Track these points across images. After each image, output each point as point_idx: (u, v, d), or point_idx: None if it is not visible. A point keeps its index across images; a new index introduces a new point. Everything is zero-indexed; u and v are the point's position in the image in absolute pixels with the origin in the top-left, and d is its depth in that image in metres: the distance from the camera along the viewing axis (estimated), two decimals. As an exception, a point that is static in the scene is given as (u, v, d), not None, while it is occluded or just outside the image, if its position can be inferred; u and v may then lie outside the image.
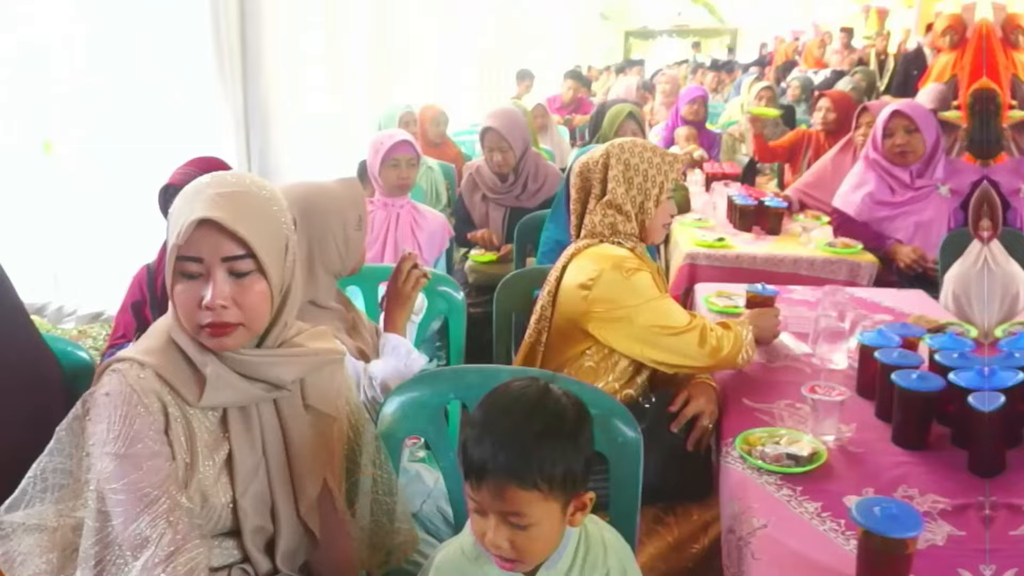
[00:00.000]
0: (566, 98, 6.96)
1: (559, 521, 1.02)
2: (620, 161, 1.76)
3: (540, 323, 1.80)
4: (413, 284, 1.73)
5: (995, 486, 1.32)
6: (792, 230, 3.07)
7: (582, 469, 1.02)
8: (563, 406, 1.03)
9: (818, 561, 1.15)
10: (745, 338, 1.73)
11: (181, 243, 1.04)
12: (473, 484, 0.99)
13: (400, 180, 2.63)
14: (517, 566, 1.02)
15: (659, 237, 1.85)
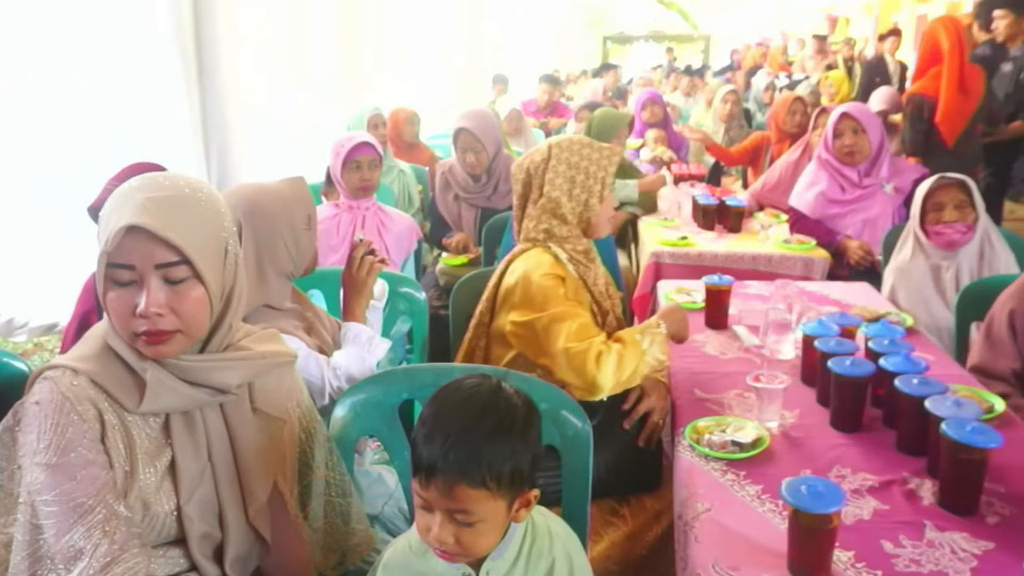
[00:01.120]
0: (541, 102, 7.03)
1: (504, 518, 1.03)
2: (561, 161, 1.75)
3: (479, 328, 1.80)
4: (367, 270, 1.73)
5: (920, 463, 1.39)
6: (752, 228, 3.15)
7: (529, 467, 1.03)
8: (514, 405, 1.04)
9: (756, 540, 1.21)
10: (646, 348, 1.65)
11: (110, 250, 1.00)
12: (422, 481, 0.99)
13: (362, 182, 2.64)
14: (458, 558, 1.04)
15: (606, 231, 1.84)
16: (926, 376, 1.44)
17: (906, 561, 1.14)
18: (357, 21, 4.88)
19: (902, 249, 2.28)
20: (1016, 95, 3.80)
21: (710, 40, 17.76)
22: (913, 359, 1.50)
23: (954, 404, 1.30)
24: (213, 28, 2.68)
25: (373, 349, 1.65)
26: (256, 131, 3.17)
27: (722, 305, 2.07)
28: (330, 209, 2.76)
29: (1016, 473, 1.36)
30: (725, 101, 4.81)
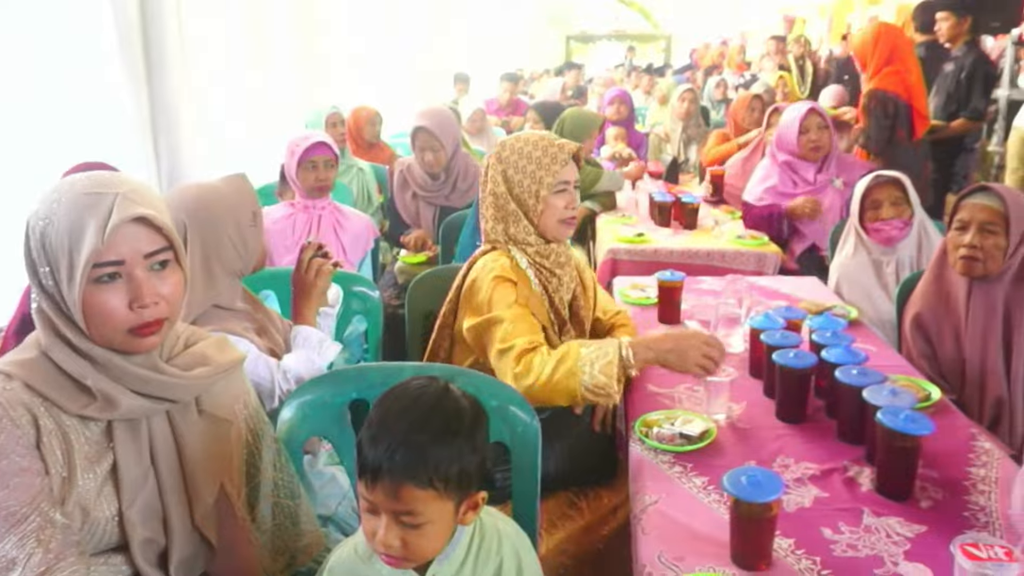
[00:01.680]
0: (503, 100, 7.04)
1: (451, 520, 1.03)
2: (501, 161, 1.72)
3: (443, 329, 1.79)
4: (317, 272, 1.72)
5: (860, 451, 1.43)
6: (706, 225, 3.20)
7: (476, 469, 1.03)
8: (461, 407, 1.04)
9: (700, 531, 1.23)
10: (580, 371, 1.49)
11: (102, 248, 1.00)
12: (368, 483, 0.99)
13: (318, 182, 2.62)
14: (404, 563, 1.03)
15: (557, 234, 1.73)
16: (865, 367, 1.48)
17: (843, 546, 1.18)
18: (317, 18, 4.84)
19: (844, 245, 2.35)
20: (957, 94, 3.92)
21: (671, 39, 17.96)
22: (853, 350, 1.54)
23: (890, 393, 1.35)
24: (161, 24, 2.63)
25: (323, 352, 1.65)
26: (209, 129, 3.13)
27: (674, 301, 2.11)
28: (285, 208, 2.73)
29: (949, 458, 1.41)
30: (682, 100, 4.88)
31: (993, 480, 1.34)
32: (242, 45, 3.63)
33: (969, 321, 1.80)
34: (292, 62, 4.30)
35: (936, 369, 1.86)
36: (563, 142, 1.73)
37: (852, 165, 3.10)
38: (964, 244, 1.75)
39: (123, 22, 2.53)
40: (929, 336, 1.89)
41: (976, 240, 1.73)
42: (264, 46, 3.89)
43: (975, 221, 1.75)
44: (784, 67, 7.36)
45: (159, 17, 2.62)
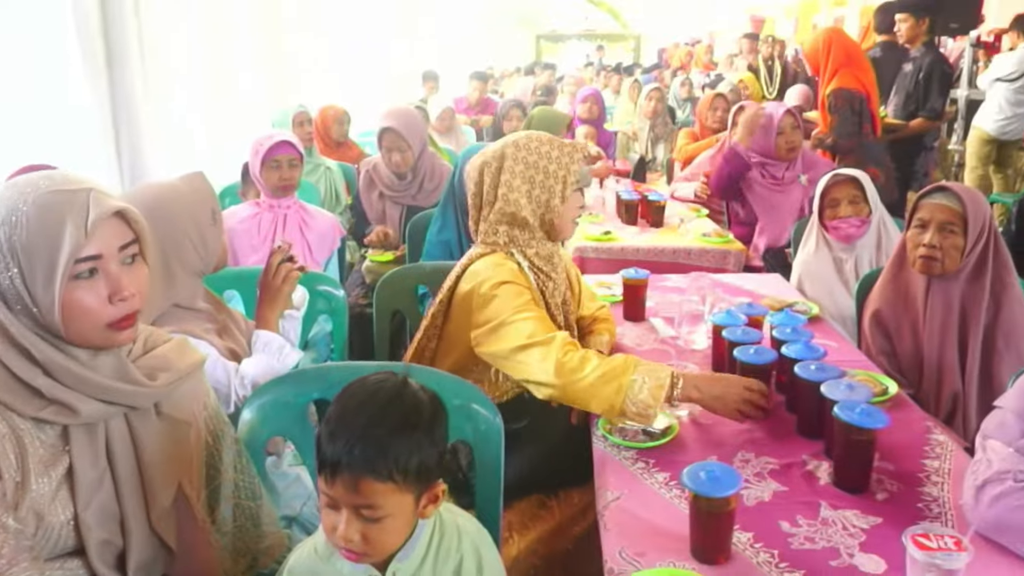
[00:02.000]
0: (472, 99, 7.02)
1: (411, 513, 1.04)
2: (519, 161, 1.66)
3: (430, 330, 1.76)
4: (284, 278, 1.71)
5: (818, 446, 1.45)
6: (673, 223, 3.23)
7: (436, 462, 1.04)
8: (419, 400, 1.05)
9: (661, 526, 1.24)
10: (631, 386, 1.46)
11: (85, 244, 1.01)
12: (327, 478, 0.99)
13: (282, 181, 2.60)
14: (365, 558, 1.03)
15: (571, 231, 1.75)
16: (824, 362, 1.50)
17: (801, 539, 1.19)
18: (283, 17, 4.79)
19: (807, 242, 2.39)
20: (916, 94, 4.00)
21: (640, 39, 18.10)
22: (812, 346, 1.57)
23: (847, 388, 1.37)
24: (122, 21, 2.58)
25: (283, 359, 1.63)
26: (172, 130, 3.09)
27: (639, 298, 2.12)
28: (250, 208, 2.71)
29: (905, 451, 1.44)
30: (649, 99, 4.91)
31: (946, 472, 1.37)
32: (205, 44, 3.58)
33: (927, 318, 1.84)
34: (257, 61, 4.26)
35: (895, 365, 1.90)
36: (573, 141, 1.73)
37: (816, 163, 3.16)
38: (923, 243, 1.78)
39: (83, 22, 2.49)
40: (888, 332, 1.92)
41: (935, 240, 1.76)
42: (228, 45, 3.84)
43: (934, 221, 1.78)
44: (753, 67, 7.45)
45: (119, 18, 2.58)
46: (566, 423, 1.73)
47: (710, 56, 8.63)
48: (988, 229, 1.78)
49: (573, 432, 1.70)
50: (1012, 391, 1.27)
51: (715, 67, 8.28)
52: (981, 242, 1.76)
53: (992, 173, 5.55)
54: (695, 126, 4.39)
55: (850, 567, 1.13)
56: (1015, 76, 5.25)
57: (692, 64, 8.50)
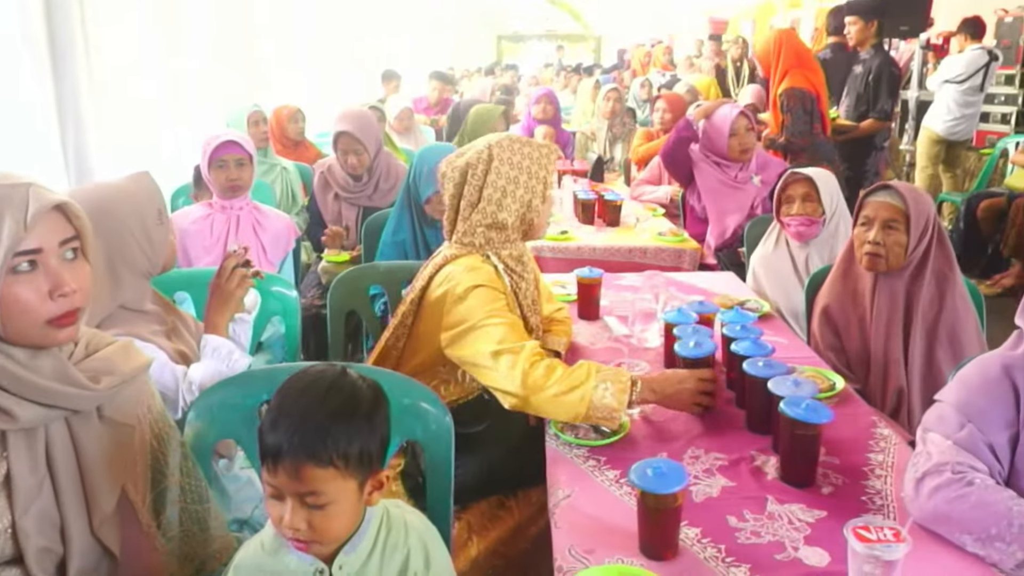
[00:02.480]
0: (432, 99, 6.99)
1: (356, 500, 1.04)
2: (504, 162, 1.66)
3: (399, 329, 1.74)
4: (237, 283, 1.68)
5: (767, 441, 1.47)
6: (629, 222, 3.25)
7: (378, 448, 1.05)
8: (358, 388, 1.06)
9: (610, 523, 1.25)
10: (594, 392, 1.47)
11: (24, 235, 0.99)
12: (269, 468, 0.99)
13: (229, 182, 2.55)
14: (313, 547, 1.04)
15: (543, 232, 1.79)
16: (772, 359, 1.52)
17: (747, 534, 1.21)
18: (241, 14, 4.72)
19: (767, 239, 2.42)
20: (867, 95, 4.09)
21: (601, 40, 18.22)
22: (760, 343, 1.59)
23: (793, 384, 1.39)
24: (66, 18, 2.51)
25: (233, 364, 1.60)
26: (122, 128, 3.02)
27: (593, 297, 2.13)
28: (202, 209, 2.66)
29: (850, 445, 1.46)
30: (607, 99, 4.94)
31: (890, 465, 1.40)
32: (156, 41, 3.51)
33: (874, 314, 1.88)
34: (212, 60, 4.18)
35: (843, 360, 1.93)
36: (546, 141, 1.77)
37: (769, 163, 3.21)
38: (868, 240, 1.82)
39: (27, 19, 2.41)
40: (837, 328, 1.95)
41: (879, 237, 1.80)
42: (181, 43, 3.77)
43: (878, 218, 1.82)
44: (721, 67, 7.55)
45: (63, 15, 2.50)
46: (526, 424, 1.74)
47: (669, 57, 8.73)
48: (932, 227, 1.82)
49: (532, 433, 1.70)
50: (951, 385, 1.30)
51: (674, 68, 8.37)
52: (925, 239, 1.80)
53: (942, 173, 5.71)
54: (653, 126, 4.43)
55: (794, 560, 1.14)
56: (963, 78, 5.40)
57: (651, 65, 8.58)
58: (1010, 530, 1.09)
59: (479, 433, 1.70)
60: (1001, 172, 5.22)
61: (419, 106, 6.72)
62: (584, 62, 14.12)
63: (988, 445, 1.20)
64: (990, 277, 4.43)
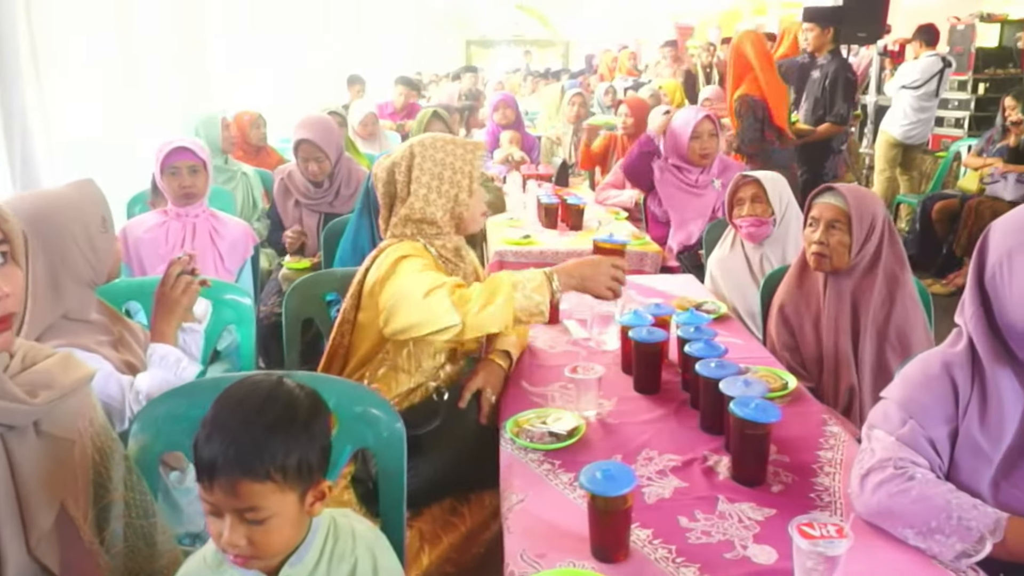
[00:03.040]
0: (398, 104, 6.96)
1: (297, 512, 1.02)
2: (427, 159, 1.73)
3: (343, 326, 1.77)
4: (183, 289, 1.65)
5: (719, 441, 1.48)
6: (592, 226, 3.27)
7: (318, 458, 1.03)
8: (295, 397, 1.04)
9: (564, 526, 1.24)
10: (514, 293, 1.55)
11: None
12: (205, 484, 0.97)
13: (182, 189, 2.51)
14: (254, 562, 1.02)
15: (478, 225, 1.84)
16: (725, 359, 1.54)
17: (698, 533, 1.22)
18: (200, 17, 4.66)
19: (723, 242, 2.46)
20: (824, 100, 4.17)
21: (569, 45, 18.33)
22: (713, 344, 1.60)
23: (744, 384, 1.40)
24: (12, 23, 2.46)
25: (181, 372, 1.57)
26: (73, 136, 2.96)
27: (551, 302, 2.12)
28: (157, 217, 2.62)
29: (801, 444, 1.48)
30: (572, 104, 4.97)
31: (839, 462, 1.42)
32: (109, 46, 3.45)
33: (825, 313, 1.91)
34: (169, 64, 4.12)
35: (798, 359, 1.96)
36: (474, 140, 1.82)
37: (729, 166, 3.24)
38: (814, 241, 1.86)
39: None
40: (792, 328, 1.98)
41: (823, 237, 1.84)
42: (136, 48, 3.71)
43: (823, 219, 1.86)
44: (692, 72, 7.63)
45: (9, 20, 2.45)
46: (477, 425, 1.74)
47: (634, 62, 8.82)
48: (880, 227, 1.85)
49: (485, 435, 1.70)
50: (895, 382, 1.32)
51: (639, 74, 8.45)
52: (872, 240, 1.84)
53: (899, 175, 5.83)
54: (618, 131, 4.46)
55: (743, 559, 1.15)
56: (919, 84, 5.53)
57: (617, 71, 8.66)
58: (949, 522, 1.11)
59: (431, 435, 1.69)
60: (955, 174, 5.34)
61: (385, 111, 6.69)
62: (552, 67, 14.20)
63: (929, 440, 1.23)
64: (945, 276, 4.53)
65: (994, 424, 1.20)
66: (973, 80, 6.74)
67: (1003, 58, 6.99)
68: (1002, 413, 1.19)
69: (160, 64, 4.00)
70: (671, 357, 1.83)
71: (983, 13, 7.21)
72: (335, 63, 7.98)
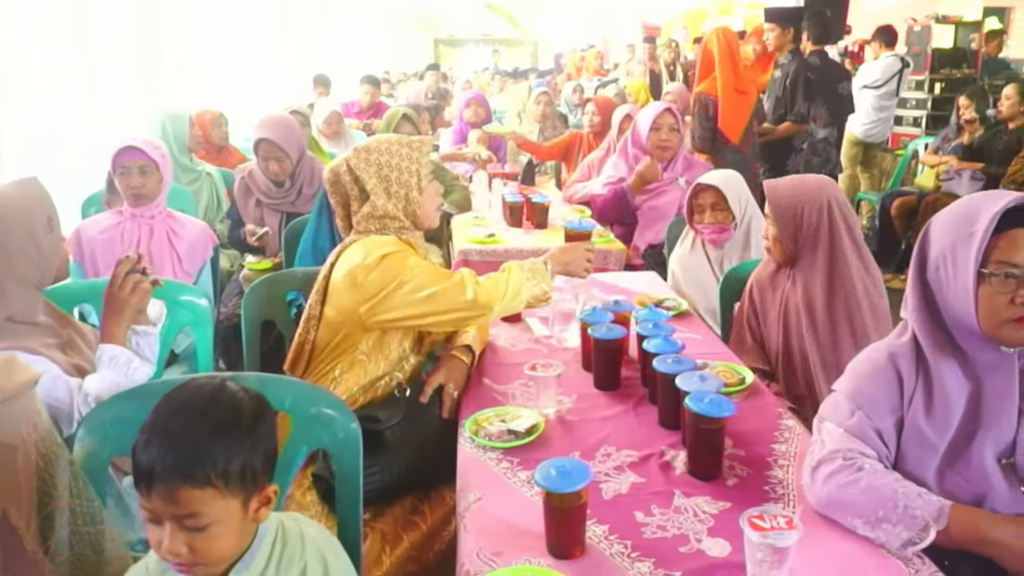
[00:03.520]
0: (364, 103, 6.91)
1: (240, 518, 1.00)
2: (371, 164, 1.76)
3: (309, 322, 1.77)
4: (131, 289, 1.61)
5: (677, 436, 1.49)
6: (557, 224, 3.27)
7: (262, 463, 1.01)
8: (239, 400, 1.02)
9: (519, 524, 1.24)
10: (519, 278, 1.77)
11: None
12: (143, 491, 0.95)
13: (131, 189, 2.46)
14: (197, 570, 0.99)
15: (434, 221, 1.88)
16: (684, 355, 1.55)
17: (653, 528, 1.22)
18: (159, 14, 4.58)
19: (683, 241, 2.48)
20: (785, 99, 4.23)
21: (538, 45, 18.37)
22: (671, 340, 1.61)
23: (699, 379, 1.41)
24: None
25: (132, 374, 1.54)
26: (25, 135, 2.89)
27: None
28: (112, 217, 2.58)
29: (757, 437, 1.50)
30: (538, 102, 4.98)
31: (792, 455, 1.44)
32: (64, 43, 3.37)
33: (784, 306, 1.93)
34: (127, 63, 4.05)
35: (760, 352, 1.97)
36: (420, 136, 1.85)
37: (693, 164, 3.26)
38: (764, 236, 1.92)
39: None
40: (759, 322, 1.99)
41: (769, 231, 1.92)
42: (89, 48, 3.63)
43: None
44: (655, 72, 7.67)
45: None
46: (438, 420, 1.74)
47: (600, 62, 8.86)
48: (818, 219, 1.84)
49: (446, 430, 1.70)
50: (844, 375, 1.34)
51: (606, 73, 8.49)
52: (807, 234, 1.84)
53: (860, 173, 5.93)
54: (585, 129, 4.48)
55: (697, 552, 1.16)
56: (880, 83, 5.63)
57: (584, 70, 8.69)
58: (895, 511, 1.13)
59: (393, 431, 1.68)
60: (913, 172, 5.45)
61: (351, 110, 6.65)
62: (521, 66, 14.21)
63: (876, 431, 1.25)
64: (904, 272, 4.61)
65: (939, 414, 1.22)
66: (930, 80, 6.87)
67: (957, 59, 7.15)
68: (947, 403, 1.22)
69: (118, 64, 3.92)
70: (632, 354, 1.84)
71: (938, 15, 7.36)
72: (303, 64, 7.91)
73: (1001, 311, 1.15)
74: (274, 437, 1.05)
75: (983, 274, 1.16)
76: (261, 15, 6.91)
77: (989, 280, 1.16)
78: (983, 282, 1.16)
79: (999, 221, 1.15)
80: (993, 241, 1.16)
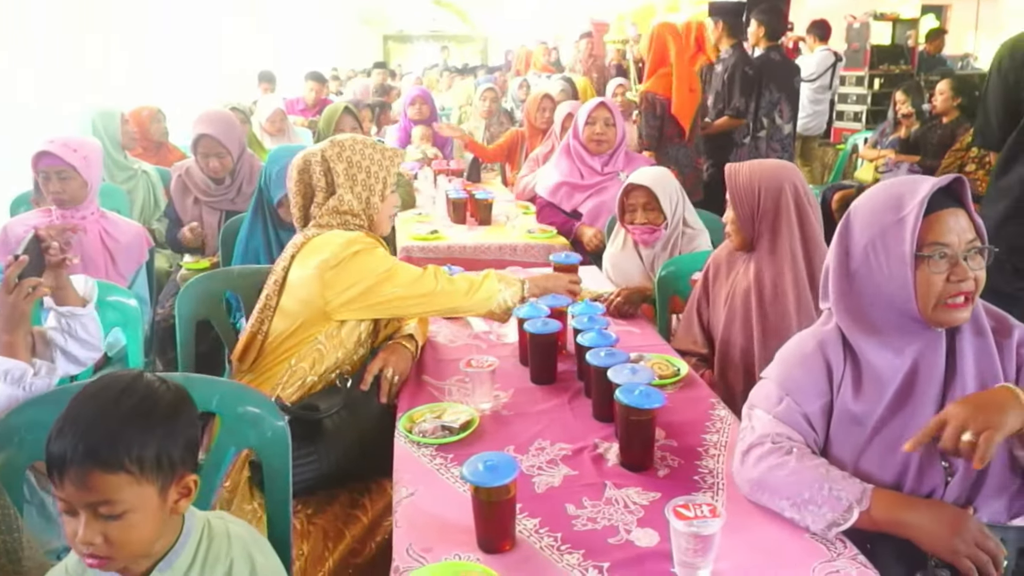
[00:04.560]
0: (309, 100, 6.81)
1: (157, 507, 0.99)
2: (342, 159, 1.79)
3: (264, 312, 1.77)
4: (25, 295, 1.44)
5: (610, 428, 1.50)
6: (500, 220, 3.27)
7: (181, 452, 1.00)
8: (155, 390, 1.01)
9: (453, 520, 1.24)
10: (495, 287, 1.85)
11: None
12: (56, 480, 0.94)
13: (51, 194, 2.38)
14: (112, 564, 0.97)
15: (386, 229, 1.91)
16: (616, 348, 1.56)
17: (584, 520, 1.23)
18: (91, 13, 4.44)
19: (615, 238, 2.49)
20: (724, 93, 4.29)
21: (488, 41, 18.34)
22: (605, 333, 1.62)
23: (631, 372, 1.42)
24: None
25: (30, 386, 1.41)
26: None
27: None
28: (40, 216, 2.49)
29: (689, 428, 1.52)
30: (484, 99, 4.97)
31: (723, 444, 1.46)
32: None
33: (732, 290, 1.93)
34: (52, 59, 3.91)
35: (703, 336, 1.98)
36: (393, 147, 1.92)
37: (635, 160, 3.29)
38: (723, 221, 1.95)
39: None
40: (708, 303, 1.99)
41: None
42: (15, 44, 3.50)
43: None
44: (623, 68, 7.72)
45: None
46: (379, 411, 1.72)
47: (549, 58, 8.88)
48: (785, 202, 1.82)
49: (386, 420, 1.68)
50: (773, 363, 1.37)
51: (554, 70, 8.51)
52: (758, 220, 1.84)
53: (800, 166, 6.06)
54: (523, 126, 4.48)
55: (627, 543, 1.17)
56: (815, 77, 5.76)
57: (532, 65, 8.71)
58: (821, 493, 1.16)
59: (332, 420, 1.66)
60: (853, 165, 5.60)
61: (296, 107, 6.54)
62: (471, 63, 14.17)
63: (804, 416, 1.28)
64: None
65: (870, 396, 1.24)
66: (869, 76, 7.07)
67: (895, 55, 7.37)
68: (879, 384, 1.23)
69: (50, 60, 3.78)
70: (569, 348, 1.84)
71: (876, 12, 7.57)
72: (251, 61, 7.76)
73: (938, 290, 1.19)
74: (195, 428, 1.04)
75: (920, 256, 1.19)
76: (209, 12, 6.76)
77: (927, 262, 1.19)
78: (920, 264, 1.19)
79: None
80: (922, 225, 1.19)
